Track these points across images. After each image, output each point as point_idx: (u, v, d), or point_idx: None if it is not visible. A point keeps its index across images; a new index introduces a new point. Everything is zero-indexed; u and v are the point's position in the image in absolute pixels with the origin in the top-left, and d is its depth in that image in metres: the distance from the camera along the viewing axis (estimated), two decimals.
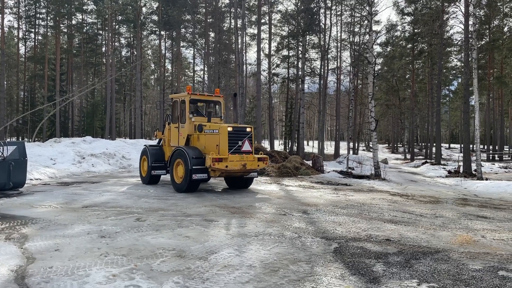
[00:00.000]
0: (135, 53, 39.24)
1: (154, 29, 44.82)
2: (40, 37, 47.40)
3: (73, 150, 18.47)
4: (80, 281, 4.10)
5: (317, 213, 8.17)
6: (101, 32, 49.56)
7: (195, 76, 50.11)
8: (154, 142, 25.00)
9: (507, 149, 50.03)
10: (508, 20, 42.54)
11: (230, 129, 11.01)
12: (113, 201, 9.24)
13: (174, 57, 44.91)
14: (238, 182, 12.04)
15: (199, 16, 41.62)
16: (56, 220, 6.98)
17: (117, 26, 46.71)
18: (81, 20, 48.59)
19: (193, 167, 10.59)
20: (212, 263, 4.74)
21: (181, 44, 44.07)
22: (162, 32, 43.95)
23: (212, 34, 40.47)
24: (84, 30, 48.66)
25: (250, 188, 12.14)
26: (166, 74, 48.52)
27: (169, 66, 50.35)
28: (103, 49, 47.45)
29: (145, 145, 13.47)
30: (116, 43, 48.15)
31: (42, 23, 45.40)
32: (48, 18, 43.60)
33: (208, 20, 39.72)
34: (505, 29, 43.09)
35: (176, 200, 9.49)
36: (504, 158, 41.52)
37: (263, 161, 11.58)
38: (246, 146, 11.25)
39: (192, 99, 12.12)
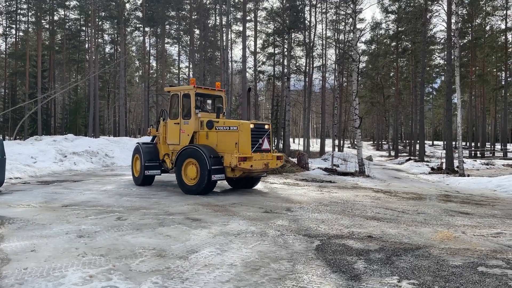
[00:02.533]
0: (119, 49, 38.74)
1: (138, 25, 44.33)
2: (21, 33, 46.44)
3: (54, 148, 18.13)
4: (56, 282, 4.00)
5: (301, 211, 8.15)
6: (84, 28, 48.78)
7: (180, 73, 49.75)
8: (142, 139, 24.78)
9: (489, 146, 50.95)
10: (490, 18, 43.24)
11: (252, 126, 10.36)
12: (94, 200, 9.07)
13: (159, 54, 44.49)
14: (244, 182, 11.46)
15: (183, 12, 41.29)
16: (34, 219, 6.82)
17: (100, 23, 46.03)
18: (63, 16, 47.76)
19: (212, 167, 9.90)
20: (193, 262, 4.67)
21: (166, 41, 43.70)
22: (146, 29, 43.50)
23: (197, 31, 40.21)
24: (67, 26, 47.82)
25: (237, 188, 12.00)
26: (151, 71, 48.09)
27: (153, 63, 49.95)
28: (86, 45, 46.72)
29: (137, 143, 12.47)
30: (99, 40, 47.45)
31: (23, 19, 44.49)
32: (29, 13, 42.75)
33: (193, 17, 39.43)
34: (487, 27, 43.82)
35: (158, 199, 9.38)
36: (485, 155, 42.27)
37: (279, 159, 11.25)
38: (266, 144, 10.75)
39: (197, 93, 11.19)
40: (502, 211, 8.73)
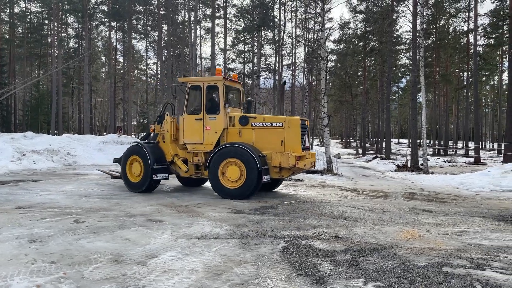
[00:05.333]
0: (84, 44, 37.46)
1: (103, 19, 43.04)
2: None
3: (12, 146, 17.27)
4: None
5: (269, 211, 8.00)
6: (46, 22, 46.92)
7: (148, 69, 48.76)
8: (107, 137, 23.98)
9: (451, 144, 52.67)
10: (453, 20, 44.57)
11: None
12: (51, 201, 8.61)
13: (126, 50, 43.37)
14: (268, 185, 10.34)
15: (151, 7, 40.39)
16: None
17: (64, 16, 44.41)
18: (24, 9, 45.75)
19: (263, 167, 9.11)
20: (151, 268, 4.42)
21: (133, 36, 42.65)
22: (113, 23, 42.29)
23: (165, 27, 39.43)
24: (28, 19, 45.86)
25: (203, 186, 11.75)
26: (118, 67, 46.82)
27: (120, 59, 48.65)
28: (49, 39, 44.94)
29: (136, 142, 10.92)
30: (63, 34, 45.81)
31: None
32: None
33: (161, 12, 38.63)
34: (451, 29, 45.16)
35: (120, 199, 9.01)
36: (448, 153, 43.63)
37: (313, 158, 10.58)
38: (307, 142, 10.12)
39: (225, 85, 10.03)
40: (465, 208, 8.88)
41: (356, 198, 10.20)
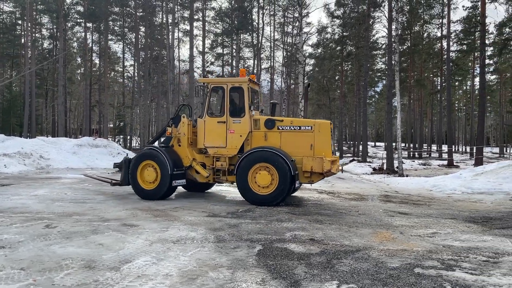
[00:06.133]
0: (58, 45, 36.65)
1: (79, 20, 42.25)
2: None
3: None
4: None
5: (246, 215, 8.00)
6: (20, 22, 45.73)
7: (125, 71, 48.11)
8: (82, 140, 23.44)
9: (426, 147, 53.87)
10: (427, 26, 45.69)
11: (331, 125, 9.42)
12: (22, 205, 8.37)
13: (102, 51, 42.67)
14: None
15: (128, 9, 39.91)
16: None
17: (37, 16, 43.39)
18: None
19: (296, 172, 8.87)
20: (125, 273, 4.35)
21: (110, 38, 41.99)
22: (89, 24, 41.53)
23: (142, 29, 39.05)
24: (0, 19, 44.60)
25: (182, 190, 11.61)
26: (93, 69, 46.02)
27: (96, 60, 47.82)
28: (22, 40, 43.79)
29: (150, 146, 10.28)
30: (36, 34, 44.74)
31: None
32: None
33: (139, 14, 38.23)
34: (425, 35, 46.27)
35: (94, 204, 8.84)
36: (423, 156, 44.60)
37: None
38: (332, 146, 9.74)
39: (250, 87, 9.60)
40: (437, 210, 9.09)
41: (332, 201, 10.31)
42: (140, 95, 37.55)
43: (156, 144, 11.55)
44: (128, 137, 46.24)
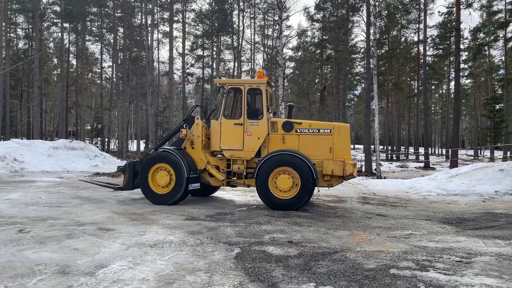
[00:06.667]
0: (34, 45, 35.87)
1: (55, 20, 41.46)
2: None
3: None
4: None
5: (225, 217, 7.98)
6: None
7: (103, 73, 47.40)
8: (58, 142, 22.91)
9: (403, 149, 54.85)
10: (404, 31, 46.65)
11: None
12: None
13: (79, 52, 41.94)
14: None
15: (106, 9, 39.37)
16: None
17: (12, 16, 42.37)
18: None
19: (317, 176, 8.80)
20: (100, 278, 4.27)
21: (87, 38, 41.35)
22: (65, 24, 40.82)
23: (121, 29, 38.58)
24: None
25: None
26: (70, 70, 45.19)
27: (73, 61, 46.98)
28: None
29: (163, 148, 9.77)
30: (11, 34, 43.66)
31: None
32: None
33: (117, 14, 37.75)
34: (402, 39, 47.21)
35: (70, 208, 8.66)
36: (400, 158, 45.38)
37: None
38: None
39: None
40: (413, 212, 9.26)
41: (310, 203, 10.38)
42: (119, 96, 37.10)
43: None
44: (106, 140, 45.52)
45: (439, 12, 52.01)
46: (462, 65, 44.52)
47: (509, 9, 35.45)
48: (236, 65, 41.90)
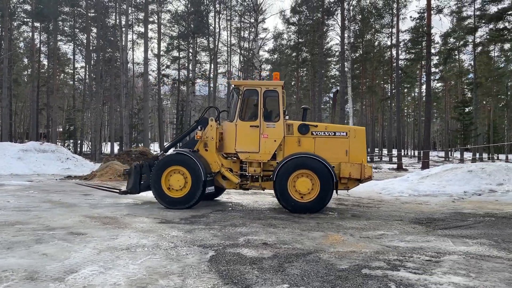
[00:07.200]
0: (3, 45, 34.78)
1: (26, 19, 40.33)
2: None
3: None
4: None
5: (199, 220, 7.93)
6: None
7: (76, 73, 46.39)
8: (27, 145, 22.22)
9: (377, 151, 55.86)
10: (378, 35, 47.60)
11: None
12: None
13: (51, 52, 40.92)
14: None
15: (79, 9, 38.59)
16: None
17: None
18: None
19: (337, 180, 8.89)
20: (69, 284, 4.17)
21: (59, 38, 40.41)
22: (36, 24, 39.76)
23: (94, 30, 37.89)
24: None
25: (132, 196, 11.34)
26: (42, 70, 44.02)
27: (45, 61, 45.79)
28: None
29: (177, 150, 9.60)
30: None
31: None
32: None
33: (90, 14, 37.05)
34: (376, 43, 48.15)
35: (40, 212, 8.42)
36: (374, 159, 46.17)
37: None
38: None
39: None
40: (386, 212, 9.44)
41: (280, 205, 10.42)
42: (92, 98, 36.39)
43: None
44: (79, 142, 44.53)
45: (411, 17, 53.26)
46: (433, 69, 45.77)
47: (478, 15, 36.66)
48: (212, 67, 41.78)
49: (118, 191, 10.22)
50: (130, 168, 9.99)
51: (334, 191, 9.11)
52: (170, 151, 10.29)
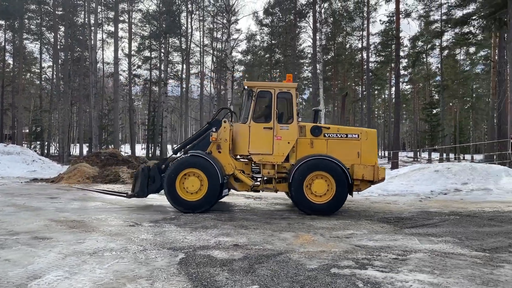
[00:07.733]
0: None
1: None
2: None
3: None
4: None
5: (170, 222, 7.83)
6: None
7: (42, 73, 45.03)
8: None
9: None
10: (349, 38, 48.40)
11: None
12: None
13: (16, 51, 39.53)
14: None
15: (46, 7, 37.49)
16: None
17: None
18: None
19: (352, 181, 8.94)
20: None
21: (25, 37, 39.10)
22: (1, 22, 38.35)
23: (62, 28, 36.88)
24: None
25: (98, 197, 11.13)
26: (7, 70, 42.47)
27: (10, 60, 44.19)
28: None
29: (191, 153, 9.20)
30: None
31: None
32: None
33: (58, 12, 36.06)
34: (347, 46, 48.96)
35: (2, 216, 8.11)
36: None
37: None
38: None
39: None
40: (356, 212, 9.60)
41: (259, 206, 10.47)
42: (59, 98, 35.40)
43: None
44: (46, 144, 43.21)
45: (380, 20, 54.52)
46: (402, 72, 46.99)
47: (444, 20, 37.85)
48: (184, 67, 41.43)
49: (125, 194, 9.90)
50: (137, 170, 9.76)
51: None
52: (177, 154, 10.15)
